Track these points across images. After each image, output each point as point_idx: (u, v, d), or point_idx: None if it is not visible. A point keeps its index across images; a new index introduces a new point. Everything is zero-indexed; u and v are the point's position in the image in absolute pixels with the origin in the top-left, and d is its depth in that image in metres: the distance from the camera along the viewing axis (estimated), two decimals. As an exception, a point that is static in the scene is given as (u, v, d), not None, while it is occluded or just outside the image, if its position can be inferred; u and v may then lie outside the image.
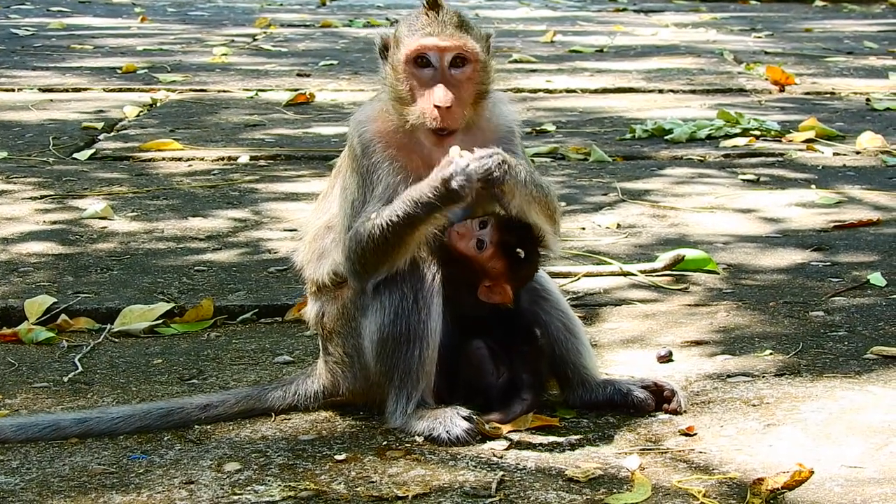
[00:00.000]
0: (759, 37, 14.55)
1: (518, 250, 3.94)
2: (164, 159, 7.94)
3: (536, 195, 3.85)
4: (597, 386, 4.08)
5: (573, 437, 3.84)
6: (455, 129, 3.81)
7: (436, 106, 3.78)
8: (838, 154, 7.99)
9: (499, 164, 3.72)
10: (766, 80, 10.86)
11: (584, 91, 10.60)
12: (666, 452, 3.74)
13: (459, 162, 3.69)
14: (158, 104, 9.98)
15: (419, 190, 3.73)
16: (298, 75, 11.48)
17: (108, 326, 4.98)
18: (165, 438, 3.91)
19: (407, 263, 3.84)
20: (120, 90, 10.57)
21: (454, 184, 3.67)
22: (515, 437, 3.83)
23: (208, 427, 3.98)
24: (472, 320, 3.97)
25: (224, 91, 10.59)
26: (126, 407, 4.05)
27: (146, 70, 11.60)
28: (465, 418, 3.81)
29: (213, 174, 7.56)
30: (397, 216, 3.75)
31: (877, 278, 5.41)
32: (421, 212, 3.73)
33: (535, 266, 4.02)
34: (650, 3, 19.75)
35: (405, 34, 3.87)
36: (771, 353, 4.55)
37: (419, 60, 3.85)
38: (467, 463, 3.67)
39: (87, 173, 7.57)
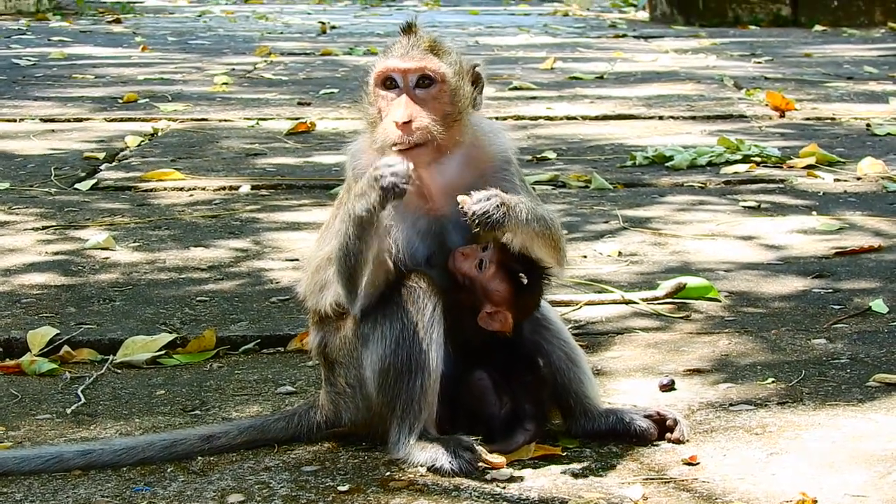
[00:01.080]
0: (759, 62, 14.58)
1: (521, 275, 3.95)
2: (165, 189, 7.96)
3: (539, 230, 3.86)
4: (599, 415, 4.07)
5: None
6: (419, 143, 3.80)
7: (394, 122, 3.81)
8: (839, 180, 8.01)
9: (497, 206, 3.73)
10: (767, 105, 10.88)
11: (584, 118, 10.62)
12: (669, 482, 3.73)
13: (386, 160, 3.72)
14: (160, 134, 10.01)
15: (360, 187, 3.76)
16: (299, 104, 11.50)
17: (111, 357, 4.98)
18: (169, 470, 3.90)
19: (407, 294, 3.85)
20: (121, 120, 10.59)
21: (384, 182, 3.69)
22: (518, 467, 3.83)
23: (211, 458, 3.97)
24: (474, 349, 3.98)
25: (225, 120, 10.62)
26: (129, 439, 4.05)
27: (147, 99, 11.63)
28: (467, 448, 3.81)
29: (215, 204, 7.58)
30: (349, 217, 3.77)
31: (879, 305, 5.41)
32: (365, 212, 3.73)
33: (538, 294, 4.01)
34: (650, 29, 19.81)
35: (378, 59, 3.94)
36: (773, 382, 4.55)
37: (386, 82, 3.90)
38: (470, 493, 3.67)
39: (88, 204, 7.58)
